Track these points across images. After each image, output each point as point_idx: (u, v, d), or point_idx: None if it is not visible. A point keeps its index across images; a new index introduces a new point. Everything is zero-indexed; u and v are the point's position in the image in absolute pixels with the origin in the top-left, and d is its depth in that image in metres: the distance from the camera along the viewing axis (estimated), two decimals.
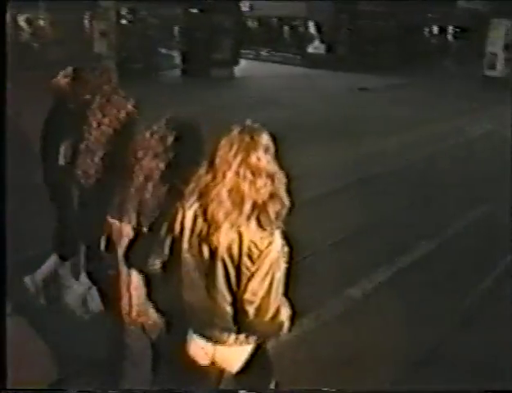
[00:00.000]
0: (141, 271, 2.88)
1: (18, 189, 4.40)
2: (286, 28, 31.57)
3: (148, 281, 2.93)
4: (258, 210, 2.52)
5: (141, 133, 3.01)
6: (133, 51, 20.92)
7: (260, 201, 2.52)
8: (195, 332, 2.77)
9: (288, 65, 28.04)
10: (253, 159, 2.51)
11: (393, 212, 8.01)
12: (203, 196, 2.60)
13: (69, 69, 4.07)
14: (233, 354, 2.78)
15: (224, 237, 2.56)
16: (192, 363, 2.82)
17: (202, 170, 2.62)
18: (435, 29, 34.28)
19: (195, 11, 22.34)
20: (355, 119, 14.30)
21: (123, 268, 2.99)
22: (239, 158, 2.50)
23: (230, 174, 2.52)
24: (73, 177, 3.53)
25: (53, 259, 4.28)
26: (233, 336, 2.71)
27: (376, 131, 12.72)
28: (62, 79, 4.05)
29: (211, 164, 2.59)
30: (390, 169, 10.07)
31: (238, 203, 2.52)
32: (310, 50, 28.38)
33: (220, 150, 2.55)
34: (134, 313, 3.02)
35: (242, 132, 2.56)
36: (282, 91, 19.08)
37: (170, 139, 2.91)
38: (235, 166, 2.51)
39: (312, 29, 28.44)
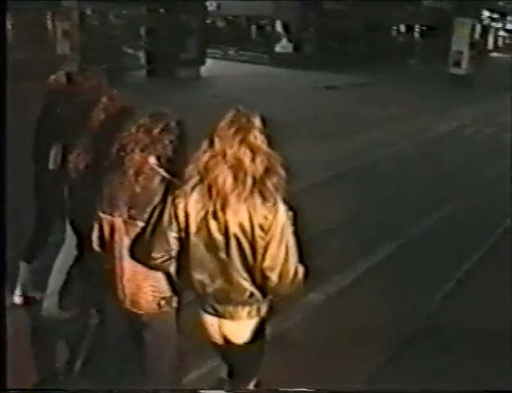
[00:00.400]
0: (145, 265, 2.96)
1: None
2: (254, 27, 31.46)
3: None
4: (259, 183, 2.71)
5: (128, 128, 3.10)
6: (98, 51, 20.56)
7: (259, 176, 2.71)
8: (205, 310, 2.95)
9: (256, 64, 27.94)
10: (251, 137, 2.73)
11: (361, 210, 7.97)
12: (205, 176, 2.75)
13: (61, 73, 4.28)
14: (241, 327, 2.94)
15: (233, 213, 2.73)
16: (204, 338, 3.06)
17: (200, 152, 2.79)
18: (402, 28, 34.54)
19: (160, 10, 22.07)
20: (322, 118, 14.26)
21: (116, 261, 3.08)
22: (238, 137, 2.71)
23: (230, 152, 2.70)
24: (63, 176, 3.62)
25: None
26: (247, 310, 2.87)
27: (342, 130, 12.69)
28: (54, 81, 4.25)
29: (211, 144, 2.76)
30: (356, 167, 10.03)
31: (241, 178, 2.69)
32: (277, 49, 28.33)
33: (219, 131, 2.76)
34: (128, 303, 3.11)
35: (238, 114, 2.78)
36: (249, 90, 18.92)
37: (156, 131, 3.01)
38: (235, 144, 2.70)
39: (279, 28, 28.36)
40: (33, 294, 4.71)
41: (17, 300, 4.69)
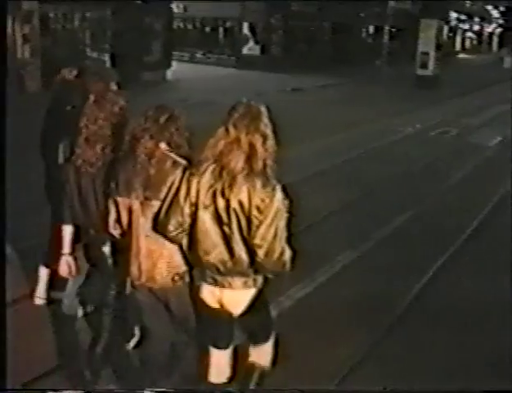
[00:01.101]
0: (164, 236, 3.23)
1: None
2: (221, 29, 31.23)
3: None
4: (265, 167, 3.05)
5: (137, 119, 3.40)
6: (60, 55, 20.15)
7: (268, 161, 3.07)
8: (206, 280, 3.24)
9: (223, 66, 27.76)
10: (261, 125, 3.07)
11: (327, 213, 7.83)
12: (219, 159, 3.08)
13: (66, 70, 4.63)
14: (238, 296, 3.25)
15: (237, 191, 3.04)
16: (205, 307, 3.31)
17: (216, 139, 3.11)
18: (369, 30, 34.65)
19: (125, 13, 21.71)
20: (288, 121, 14.02)
21: (133, 240, 3.37)
22: (252, 126, 3.04)
23: (244, 139, 3.03)
24: (73, 169, 3.80)
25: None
26: (242, 280, 3.18)
27: (307, 132, 12.50)
28: (63, 77, 4.57)
29: (226, 132, 3.08)
30: (321, 170, 9.87)
31: (252, 161, 3.02)
32: (245, 51, 28.15)
33: (233, 120, 3.07)
34: (144, 279, 3.39)
35: (249, 105, 3.11)
36: (215, 93, 18.71)
37: (162, 119, 3.31)
38: (249, 132, 3.04)
39: (246, 30, 28.18)
40: (53, 296, 4.78)
41: (39, 301, 4.85)
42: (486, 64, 40.89)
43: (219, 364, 3.47)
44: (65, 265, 3.84)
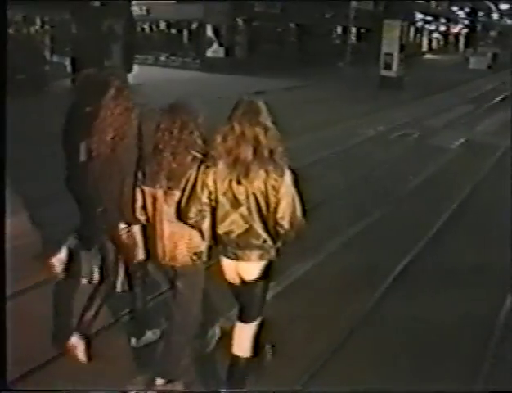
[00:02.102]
0: (185, 223, 3.68)
1: None
2: (185, 32, 30.83)
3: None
4: (271, 154, 3.48)
5: (160, 122, 3.82)
6: (20, 60, 19.57)
7: (271, 148, 3.48)
8: (226, 256, 3.68)
9: (187, 69, 27.38)
10: (261, 119, 3.50)
11: None
12: (230, 153, 3.50)
13: (85, 72, 4.99)
14: (253, 267, 3.67)
15: (252, 178, 3.49)
16: (223, 278, 3.79)
17: (223, 135, 3.54)
18: (335, 31, 34.53)
19: (84, 16, 21.22)
20: None
21: (157, 225, 3.85)
22: (253, 120, 3.47)
23: (248, 132, 3.47)
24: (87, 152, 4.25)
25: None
26: (259, 253, 3.62)
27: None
28: (83, 79, 4.93)
29: (231, 129, 3.51)
30: None
31: (259, 151, 3.46)
32: (209, 54, 27.76)
33: (236, 118, 3.50)
34: (167, 259, 3.90)
35: (247, 102, 3.56)
36: (176, 97, 18.36)
37: (176, 131, 3.74)
38: (252, 126, 3.47)
39: (209, 32, 27.81)
40: (96, 276, 4.93)
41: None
42: (452, 64, 41.09)
43: (242, 337, 3.83)
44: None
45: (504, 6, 69.59)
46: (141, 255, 4.17)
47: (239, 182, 3.54)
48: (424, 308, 5.42)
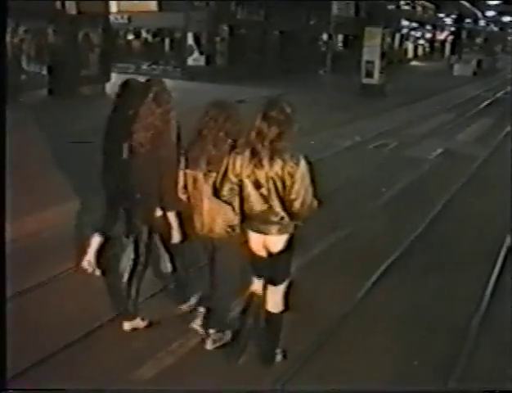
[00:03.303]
0: (219, 199, 4.33)
1: None
2: (167, 40, 30.50)
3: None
4: (274, 144, 4.09)
5: (207, 112, 4.51)
6: None
7: (289, 141, 4.13)
8: (252, 229, 4.32)
9: (169, 78, 26.95)
10: (283, 116, 4.08)
11: None
12: (250, 143, 4.17)
13: (130, 78, 5.35)
14: (275, 240, 4.30)
15: (271, 166, 4.10)
16: (250, 250, 4.42)
17: (250, 128, 4.17)
18: (320, 38, 34.29)
19: (61, 25, 20.79)
20: None
21: (197, 202, 4.54)
22: (277, 116, 4.07)
23: (271, 127, 4.07)
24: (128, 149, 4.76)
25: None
26: (277, 227, 4.24)
27: None
28: (125, 84, 5.17)
29: (254, 124, 4.14)
30: None
31: (276, 143, 4.08)
32: (190, 62, 27.39)
33: (261, 116, 4.10)
34: (205, 231, 4.57)
35: (275, 100, 4.28)
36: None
37: (221, 119, 4.46)
38: (275, 121, 4.07)
39: (190, 40, 27.47)
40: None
41: (87, 266, 5.45)
42: (436, 71, 40.89)
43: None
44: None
45: (490, 14, 69.80)
46: (176, 237, 4.86)
47: (261, 167, 4.16)
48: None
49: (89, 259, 5.46)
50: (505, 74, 41.90)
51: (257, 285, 4.50)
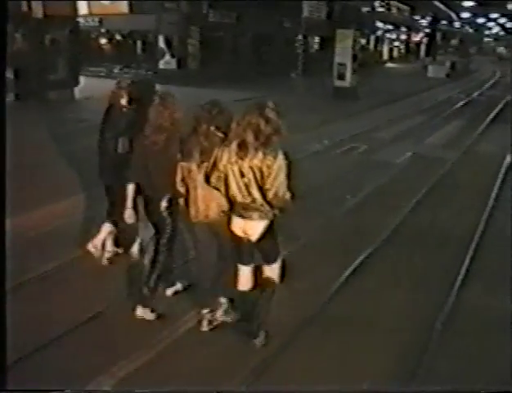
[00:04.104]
0: (209, 185, 4.77)
1: None
2: (139, 43, 30.14)
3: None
4: (268, 140, 4.52)
5: (197, 110, 4.93)
6: None
7: (271, 136, 4.51)
8: (235, 214, 4.76)
9: None
10: (265, 112, 4.53)
11: None
12: (239, 136, 4.56)
13: (120, 80, 6.42)
14: (255, 225, 4.74)
15: (252, 156, 4.53)
16: (233, 234, 4.89)
17: (237, 123, 4.63)
18: (290, 41, 34.07)
19: (27, 28, 20.36)
20: None
21: (192, 190, 4.88)
22: (258, 113, 4.52)
23: (253, 123, 4.50)
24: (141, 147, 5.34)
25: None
26: (258, 213, 4.68)
27: None
28: (118, 88, 6.11)
29: (242, 118, 4.56)
30: None
31: (259, 137, 4.50)
32: (161, 65, 27.08)
33: (247, 111, 4.57)
34: (200, 217, 4.89)
35: (258, 102, 4.67)
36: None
37: (214, 112, 4.86)
38: (257, 117, 4.51)
39: (162, 43, 27.15)
40: (118, 248, 6.56)
41: (92, 249, 6.49)
42: (411, 73, 41.02)
43: (244, 277, 5.04)
44: (128, 215, 5.56)
45: (465, 15, 70.21)
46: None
47: (243, 159, 4.57)
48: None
49: (95, 244, 6.47)
50: (478, 76, 42.18)
51: (242, 274, 5.03)
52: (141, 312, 5.41)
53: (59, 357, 4.76)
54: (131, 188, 5.45)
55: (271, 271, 5.02)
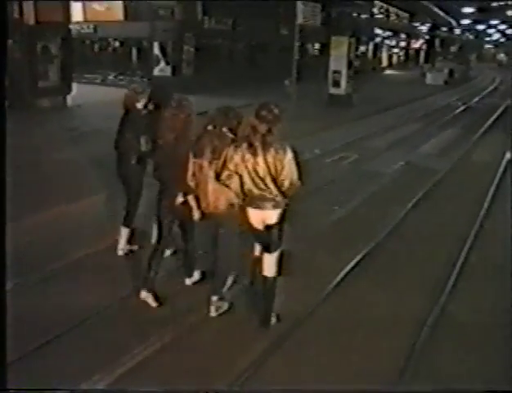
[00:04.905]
0: (219, 182, 5.26)
1: None
2: (134, 50, 29.93)
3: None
4: (277, 140, 5.10)
5: (208, 114, 5.62)
6: None
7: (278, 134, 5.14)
8: (251, 206, 5.26)
9: None
10: (272, 116, 5.07)
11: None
12: (246, 137, 5.15)
13: (135, 86, 7.48)
14: (271, 214, 5.26)
15: (266, 153, 5.06)
16: (250, 224, 5.36)
17: (246, 125, 5.24)
18: (286, 48, 33.87)
19: (17, 35, 20.11)
20: None
21: (203, 185, 5.37)
22: (268, 115, 5.05)
23: (264, 123, 5.05)
24: (159, 147, 5.84)
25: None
26: (272, 203, 5.20)
27: None
28: (133, 93, 6.69)
29: (254, 119, 5.11)
30: None
31: (268, 137, 5.05)
32: (156, 72, 26.86)
33: (257, 112, 5.08)
34: (211, 208, 5.38)
35: (267, 103, 5.17)
36: (112, 119, 17.41)
37: (229, 114, 5.44)
38: (267, 119, 5.05)
39: (156, 50, 26.94)
40: (131, 247, 7.11)
41: (121, 253, 7.04)
42: (409, 80, 40.82)
43: (268, 264, 5.43)
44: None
45: (465, 22, 70.07)
46: (196, 215, 5.72)
47: (257, 156, 5.07)
48: None
49: (122, 248, 7.05)
50: (477, 83, 41.98)
51: (268, 258, 5.42)
52: (144, 296, 5.91)
53: None
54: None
55: (269, 260, 5.43)
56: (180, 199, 5.71)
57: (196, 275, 6.37)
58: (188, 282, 6.34)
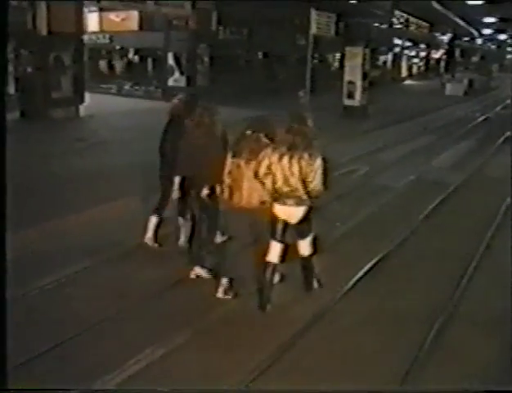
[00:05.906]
0: (256, 179, 5.95)
1: None
2: (149, 60, 29.89)
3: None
4: (311, 143, 5.85)
5: (247, 122, 6.34)
6: None
7: (311, 140, 5.87)
8: (279, 203, 5.94)
9: (151, 99, 26.42)
10: (307, 123, 5.96)
11: None
12: (287, 141, 5.82)
13: (180, 96, 8.09)
14: (296, 211, 5.98)
15: (299, 157, 5.75)
16: (276, 219, 6.06)
17: (285, 130, 5.91)
18: (302, 59, 33.69)
19: (30, 47, 20.17)
20: None
21: (239, 183, 6.03)
22: (303, 122, 5.95)
23: (299, 130, 5.84)
24: (190, 147, 6.64)
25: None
26: (296, 200, 5.90)
27: None
28: (178, 102, 7.57)
29: (290, 127, 5.88)
30: None
31: (304, 142, 5.80)
32: (170, 83, 26.76)
33: (292, 119, 5.98)
34: (245, 203, 6.04)
35: (298, 113, 6.47)
36: (122, 130, 17.35)
37: (264, 123, 6.37)
38: (302, 126, 5.89)
39: (171, 60, 26.86)
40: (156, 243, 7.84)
41: (149, 241, 7.81)
42: (428, 90, 40.32)
43: (274, 251, 6.06)
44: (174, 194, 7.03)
45: (486, 32, 69.34)
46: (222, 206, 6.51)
47: (292, 158, 5.75)
48: None
49: (150, 236, 7.80)
50: (498, 93, 41.35)
51: (273, 249, 6.05)
52: (198, 271, 6.78)
53: None
54: (177, 179, 6.87)
55: (303, 243, 6.20)
56: (205, 191, 6.56)
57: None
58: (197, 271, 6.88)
